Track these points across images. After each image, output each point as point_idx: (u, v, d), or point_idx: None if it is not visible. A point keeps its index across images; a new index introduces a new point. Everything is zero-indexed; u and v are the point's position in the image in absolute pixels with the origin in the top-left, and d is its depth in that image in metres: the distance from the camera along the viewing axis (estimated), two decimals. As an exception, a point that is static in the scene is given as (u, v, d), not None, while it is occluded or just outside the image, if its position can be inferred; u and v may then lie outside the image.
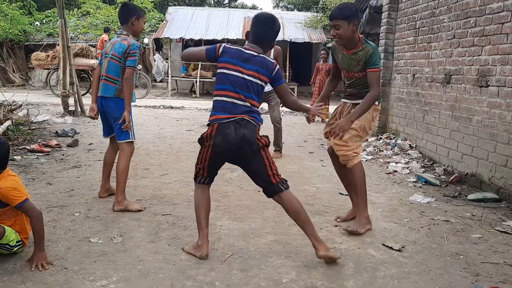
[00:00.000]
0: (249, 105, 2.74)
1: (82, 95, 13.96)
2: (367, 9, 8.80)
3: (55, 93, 12.70)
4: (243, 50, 2.81)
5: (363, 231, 3.30)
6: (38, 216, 2.60)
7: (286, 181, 2.83)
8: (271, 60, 2.83)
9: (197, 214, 2.88)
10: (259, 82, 2.78)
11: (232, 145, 2.69)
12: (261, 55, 2.81)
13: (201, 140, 2.80)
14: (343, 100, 3.56)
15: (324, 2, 18.10)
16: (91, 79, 14.14)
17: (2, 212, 2.61)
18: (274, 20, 2.90)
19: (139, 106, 11.18)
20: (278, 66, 2.86)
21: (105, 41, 13.77)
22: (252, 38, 2.88)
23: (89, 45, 14.61)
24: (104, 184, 3.91)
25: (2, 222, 2.61)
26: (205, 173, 2.88)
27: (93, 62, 13.21)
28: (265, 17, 2.92)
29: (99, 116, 3.79)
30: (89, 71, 13.80)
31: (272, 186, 2.77)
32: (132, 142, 3.70)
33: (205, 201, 2.91)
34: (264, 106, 6.58)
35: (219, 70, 2.80)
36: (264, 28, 2.88)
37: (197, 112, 11.36)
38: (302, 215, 2.79)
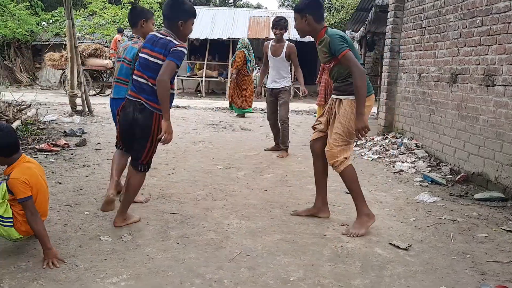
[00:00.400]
0: (150, 84, 3.01)
1: (94, 95, 14.22)
2: (373, 8, 8.79)
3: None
4: (156, 34, 3.09)
5: (365, 231, 3.26)
6: (33, 216, 2.59)
7: (148, 167, 3.21)
8: (176, 42, 2.99)
9: (112, 167, 3.39)
10: (159, 62, 2.97)
11: (127, 123, 3.13)
12: (167, 37, 3.01)
13: None
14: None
15: (330, 1, 18.09)
16: (103, 79, 14.40)
17: (13, 198, 2.65)
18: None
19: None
20: (180, 48, 2.96)
21: (119, 41, 13.98)
22: (163, 22, 3.13)
23: (100, 43, 14.76)
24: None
25: (11, 205, 2.65)
26: (120, 144, 3.40)
27: (107, 62, 13.38)
28: None
29: (112, 117, 3.98)
30: (102, 71, 14.00)
31: (136, 162, 3.16)
32: None
33: (119, 158, 3.41)
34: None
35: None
36: (166, 9, 3.09)
37: (203, 112, 11.40)
38: (133, 193, 3.25)
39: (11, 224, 2.65)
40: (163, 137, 2.96)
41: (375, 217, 3.38)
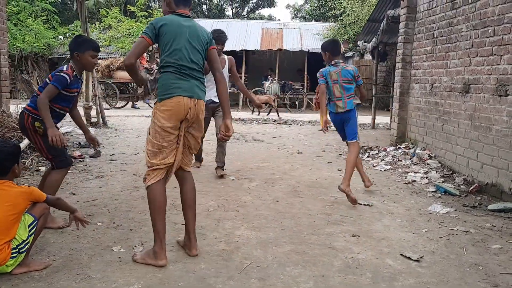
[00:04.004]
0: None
1: (122, 106, 14.60)
2: (385, 19, 8.80)
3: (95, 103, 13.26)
4: None
5: (141, 261, 2.81)
6: None
7: (61, 162, 3.41)
8: (62, 68, 3.31)
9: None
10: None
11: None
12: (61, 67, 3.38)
13: None
14: None
15: (342, 17, 18.14)
16: (130, 91, 14.88)
17: None
18: None
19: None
20: (60, 73, 3.25)
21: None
22: None
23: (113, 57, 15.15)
24: None
25: None
26: None
27: None
28: None
29: None
30: (129, 83, 14.44)
31: (48, 160, 3.45)
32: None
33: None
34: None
35: None
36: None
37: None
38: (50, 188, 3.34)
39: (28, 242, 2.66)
40: (51, 141, 3.11)
41: (164, 262, 2.78)
